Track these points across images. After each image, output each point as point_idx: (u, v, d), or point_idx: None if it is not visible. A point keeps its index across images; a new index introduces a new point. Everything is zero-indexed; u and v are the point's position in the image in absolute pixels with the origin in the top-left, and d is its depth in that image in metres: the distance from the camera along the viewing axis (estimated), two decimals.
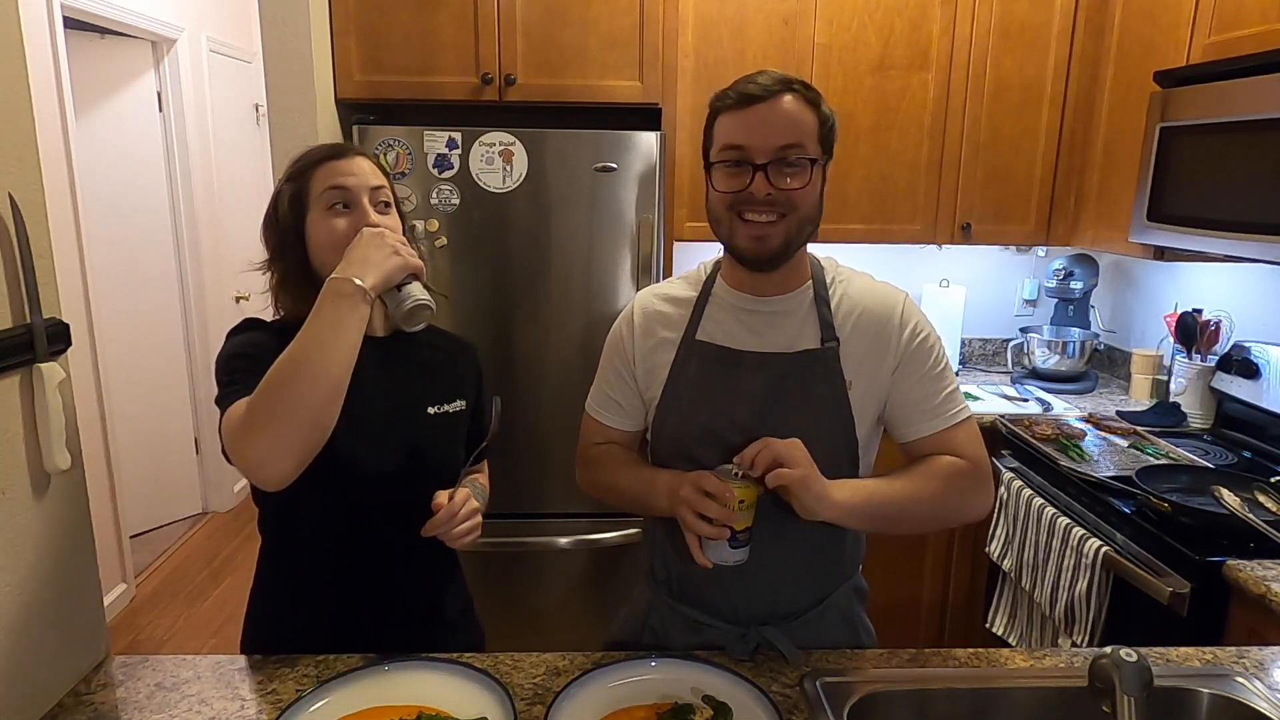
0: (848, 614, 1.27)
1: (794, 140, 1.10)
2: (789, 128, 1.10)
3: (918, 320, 1.20)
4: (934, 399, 1.18)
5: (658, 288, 1.31)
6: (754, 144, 1.10)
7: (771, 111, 1.10)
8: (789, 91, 1.10)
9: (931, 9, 2.51)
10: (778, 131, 1.10)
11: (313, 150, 1.21)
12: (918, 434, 1.19)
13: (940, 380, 1.19)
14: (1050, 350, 2.77)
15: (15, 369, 1.01)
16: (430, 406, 1.25)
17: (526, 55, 2.30)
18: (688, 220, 2.58)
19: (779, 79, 1.11)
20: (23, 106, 1.03)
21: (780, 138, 1.09)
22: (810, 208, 1.14)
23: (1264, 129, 1.75)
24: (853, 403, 1.17)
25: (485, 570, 2.43)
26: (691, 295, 1.25)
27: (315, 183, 1.16)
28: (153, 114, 3.74)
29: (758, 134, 1.10)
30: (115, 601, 3.25)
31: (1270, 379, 2.12)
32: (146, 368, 3.79)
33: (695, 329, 1.22)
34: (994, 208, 2.66)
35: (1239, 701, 1.08)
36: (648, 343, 1.26)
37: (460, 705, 1.04)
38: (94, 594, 1.18)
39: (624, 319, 1.30)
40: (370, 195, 1.16)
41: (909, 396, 1.18)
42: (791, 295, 1.20)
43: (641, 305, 1.29)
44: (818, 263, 1.24)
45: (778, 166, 1.10)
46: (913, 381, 1.18)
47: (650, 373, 1.25)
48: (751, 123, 1.10)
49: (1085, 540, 1.84)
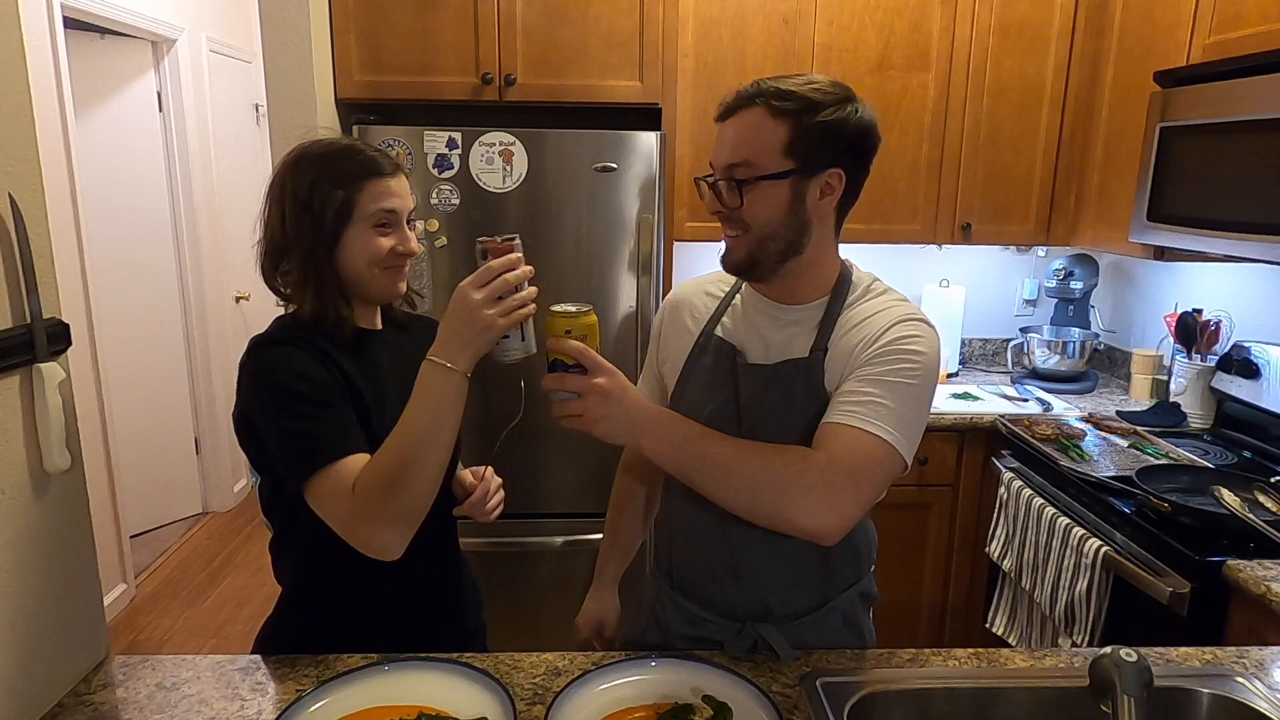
0: (852, 618, 1.26)
1: (741, 159, 1.08)
2: (739, 144, 1.08)
3: (910, 335, 1.09)
4: (854, 395, 1.06)
5: (700, 279, 1.33)
6: (713, 160, 1.12)
7: (727, 128, 1.10)
8: (754, 104, 1.07)
9: (931, 9, 2.52)
10: (727, 149, 1.09)
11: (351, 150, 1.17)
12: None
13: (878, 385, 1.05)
14: (1050, 350, 2.77)
15: (15, 369, 1.01)
16: None
17: (526, 55, 2.30)
18: (688, 220, 2.58)
19: (754, 90, 1.08)
20: (23, 106, 1.03)
21: (728, 155, 1.09)
22: (769, 225, 1.09)
23: (1264, 129, 1.75)
24: None
25: (485, 570, 2.43)
26: (723, 291, 1.27)
27: (365, 197, 1.15)
28: (153, 114, 3.74)
29: (716, 150, 1.11)
30: (115, 601, 3.25)
31: (1270, 379, 2.12)
32: (146, 367, 3.79)
33: (715, 324, 1.24)
34: (994, 208, 2.66)
35: (1239, 701, 1.08)
36: (674, 329, 1.29)
37: (460, 705, 1.04)
38: (94, 594, 1.18)
39: (662, 306, 1.35)
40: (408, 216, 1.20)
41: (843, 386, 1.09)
42: (804, 306, 1.17)
43: (678, 293, 1.33)
44: (848, 277, 1.18)
45: (727, 184, 1.09)
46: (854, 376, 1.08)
47: (669, 359, 1.29)
48: (719, 138, 1.11)
49: (1085, 540, 1.84)
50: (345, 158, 1.16)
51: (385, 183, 1.16)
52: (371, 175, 1.15)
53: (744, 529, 1.18)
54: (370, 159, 1.17)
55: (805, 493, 1.00)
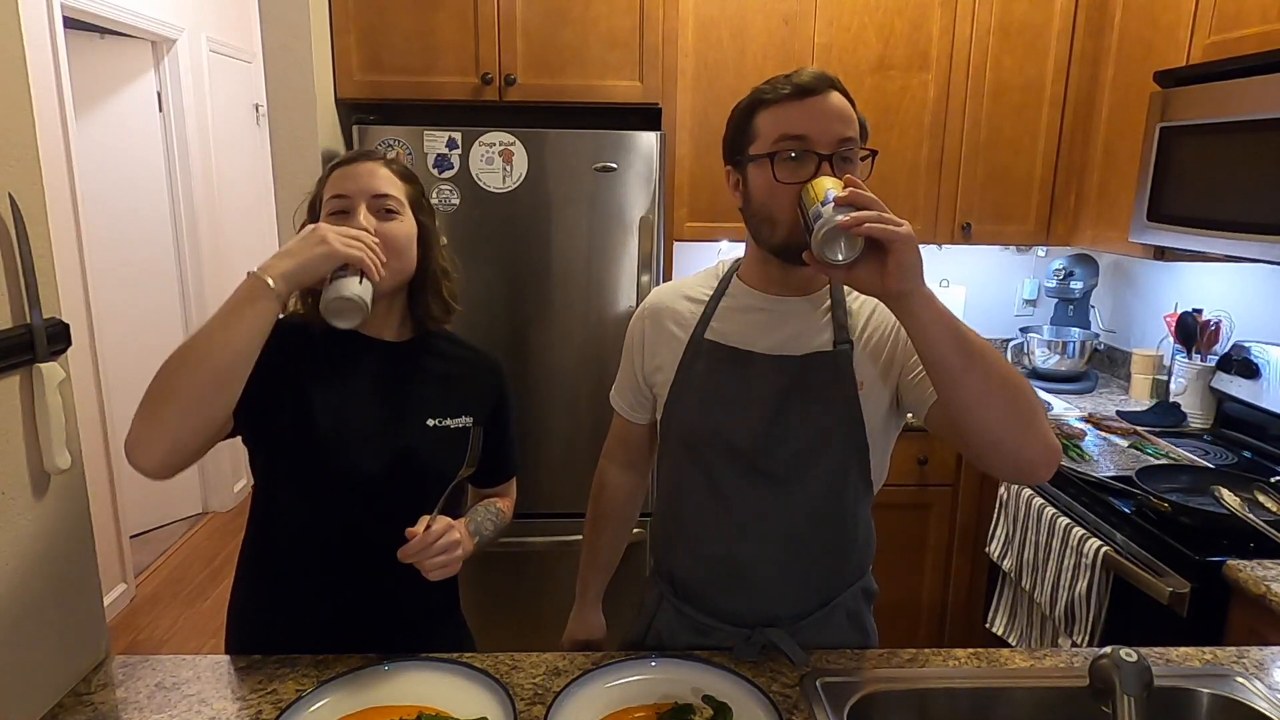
0: (855, 615, 1.26)
1: (852, 134, 1.07)
2: (847, 120, 1.07)
3: None
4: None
5: (675, 285, 1.30)
6: (816, 134, 1.06)
7: (828, 103, 1.07)
8: (835, 89, 1.08)
9: (931, 9, 2.51)
10: (839, 123, 1.07)
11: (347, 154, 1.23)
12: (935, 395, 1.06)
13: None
14: (1050, 350, 2.77)
15: (15, 369, 1.01)
16: (430, 419, 1.23)
17: (526, 55, 2.30)
18: (688, 220, 2.58)
19: (824, 75, 1.08)
20: (23, 106, 1.03)
21: (841, 129, 1.07)
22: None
23: (1264, 129, 1.75)
24: (863, 404, 1.14)
25: (485, 570, 2.43)
26: (706, 294, 1.24)
27: (326, 188, 1.18)
28: (153, 114, 3.74)
29: (819, 124, 1.06)
30: (115, 601, 3.25)
31: (1270, 379, 2.12)
32: (146, 368, 3.73)
33: (704, 328, 1.21)
34: (994, 208, 2.66)
35: (1239, 701, 1.08)
36: (656, 338, 1.26)
37: (460, 705, 1.04)
38: (94, 594, 1.18)
39: (638, 313, 1.31)
40: (371, 202, 1.15)
41: (919, 365, 1.07)
42: (810, 297, 1.17)
43: (655, 300, 1.29)
44: None
45: (839, 159, 1.06)
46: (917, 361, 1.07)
47: (657, 369, 1.25)
48: (813, 113, 1.06)
49: (1085, 540, 1.84)
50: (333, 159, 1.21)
51: (343, 170, 1.17)
52: (338, 165, 1.17)
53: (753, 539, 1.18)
54: (349, 156, 1.19)
55: (1044, 420, 1.00)
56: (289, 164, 2.23)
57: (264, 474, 1.22)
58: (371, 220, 1.14)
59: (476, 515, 1.30)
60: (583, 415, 2.40)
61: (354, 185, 1.16)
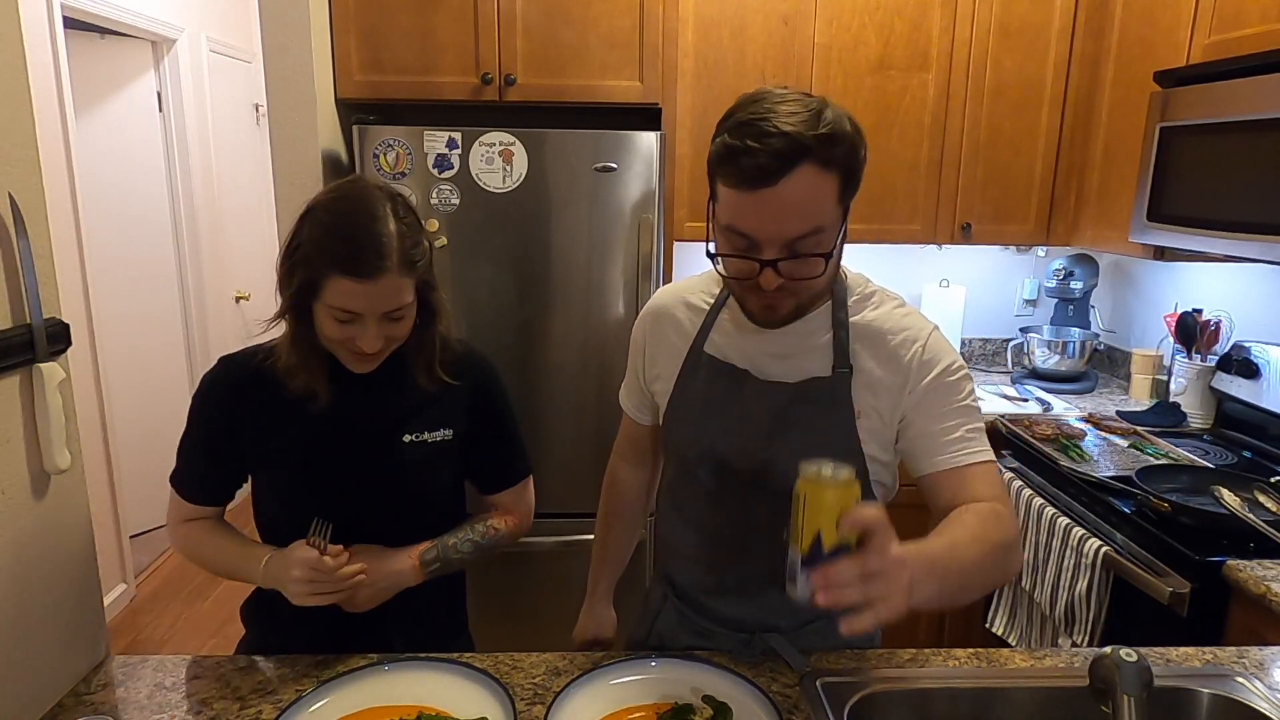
0: None
1: (808, 229, 0.95)
2: (803, 213, 0.94)
3: (941, 355, 1.09)
4: (951, 433, 1.07)
5: (678, 288, 1.26)
6: (764, 237, 0.96)
7: (780, 197, 0.93)
8: (803, 162, 0.92)
9: (931, 9, 2.51)
10: (792, 220, 0.94)
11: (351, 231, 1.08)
12: (933, 468, 1.08)
13: (961, 415, 1.08)
14: (1050, 350, 2.77)
15: (15, 369, 1.01)
16: (407, 435, 1.23)
17: (526, 55, 2.30)
18: (688, 220, 2.58)
19: (791, 144, 0.91)
20: (23, 106, 1.03)
21: (794, 227, 0.95)
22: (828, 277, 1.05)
23: (1264, 129, 1.75)
24: (861, 434, 1.10)
25: (487, 570, 2.43)
26: (707, 302, 1.20)
27: (328, 291, 1.08)
28: (153, 114, 3.74)
29: (768, 225, 0.95)
30: (115, 601, 3.25)
31: (1270, 379, 2.12)
32: (146, 368, 3.79)
33: (704, 340, 1.18)
34: (994, 208, 2.66)
35: (1239, 701, 1.08)
36: (657, 345, 1.25)
37: (460, 705, 1.04)
38: (94, 594, 1.18)
39: (641, 316, 1.29)
40: (382, 316, 1.11)
41: (927, 429, 1.08)
42: (808, 318, 1.11)
43: (657, 305, 1.26)
44: (843, 280, 1.14)
45: (789, 258, 0.97)
46: (931, 416, 1.08)
47: (657, 378, 1.25)
48: (763, 209, 0.94)
49: (1085, 540, 1.84)
50: (337, 237, 1.08)
51: (355, 286, 1.07)
52: (345, 274, 1.06)
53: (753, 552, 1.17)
54: (356, 256, 1.06)
55: (1014, 547, 1.03)
56: (289, 164, 2.23)
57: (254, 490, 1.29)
58: (380, 339, 1.12)
59: (451, 538, 1.28)
60: (582, 415, 2.40)
61: (365, 304, 1.09)
